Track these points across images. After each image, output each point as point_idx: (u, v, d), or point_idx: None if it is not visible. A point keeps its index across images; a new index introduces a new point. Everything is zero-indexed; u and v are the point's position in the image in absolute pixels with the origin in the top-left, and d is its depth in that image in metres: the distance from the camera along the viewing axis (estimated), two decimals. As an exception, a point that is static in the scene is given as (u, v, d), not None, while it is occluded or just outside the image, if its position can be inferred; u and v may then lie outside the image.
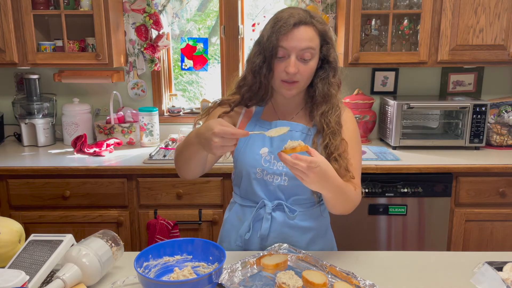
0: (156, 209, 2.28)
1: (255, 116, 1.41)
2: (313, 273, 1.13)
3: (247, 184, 1.38)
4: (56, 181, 2.24)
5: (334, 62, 1.32)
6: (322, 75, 1.33)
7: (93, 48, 2.55)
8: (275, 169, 1.34)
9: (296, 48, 1.24)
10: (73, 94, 2.80)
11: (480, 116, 2.46)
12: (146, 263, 1.12)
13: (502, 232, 2.31)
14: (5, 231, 1.19)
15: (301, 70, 1.26)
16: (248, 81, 1.35)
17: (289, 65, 1.24)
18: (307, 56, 1.25)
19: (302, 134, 1.35)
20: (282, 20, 1.23)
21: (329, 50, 1.31)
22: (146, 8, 2.63)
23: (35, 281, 1.07)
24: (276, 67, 1.28)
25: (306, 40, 1.24)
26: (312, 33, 1.25)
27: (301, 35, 1.23)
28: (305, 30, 1.24)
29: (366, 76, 2.82)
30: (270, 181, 1.35)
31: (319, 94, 1.33)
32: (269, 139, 1.36)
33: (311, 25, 1.25)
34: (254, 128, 1.39)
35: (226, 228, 1.47)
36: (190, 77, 3.18)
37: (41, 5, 2.44)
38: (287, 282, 1.07)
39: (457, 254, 1.36)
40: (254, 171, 1.35)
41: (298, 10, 1.26)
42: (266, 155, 1.35)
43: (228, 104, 1.41)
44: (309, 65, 1.27)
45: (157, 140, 2.68)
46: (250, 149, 1.37)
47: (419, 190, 2.25)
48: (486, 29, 2.38)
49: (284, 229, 1.36)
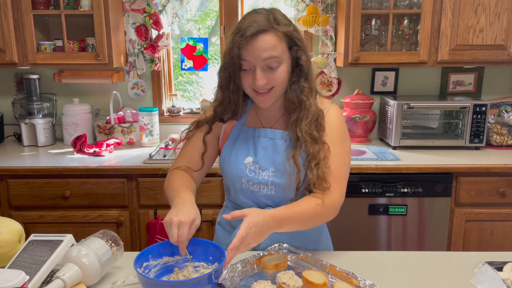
0: (156, 209, 2.28)
1: (238, 123, 1.37)
2: (313, 273, 1.13)
3: (235, 193, 1.36)
4: (56, 181, 2.24)
5: (305, 66, 1.24)
6: (293, 80, 1.25)
7: (93, 48, 2.55)
8: (261, 179, 1.30)
9: (259, 59, 1.17)
10: (73, 94, 2.80)
11: (480, 116, 2.46)
12: (146, 263, 1.12)
13: (502, 232, 2.31)
14: (5, 231, 1.19)
15: (270, 79, 1.20)
16: (218, 96, 1.31)
17: (256, 78, 1.18)
18: (273, 64, 1.19)
19: (285, 140, 1.30)
20: (240, 32, 1.16)
21: (298, 52, 1.22)
22: (146, 8, 2.63)
23: (35, 281, 1.07)
24: (243, 80, 1.22)
25: (267, 50, 1.16)
26: (273, 40, 1.17)
27: (260, 45, 1.16)
28: (264, 39, 1.16)
29: (366, 76, 2.82)
30: (257, 190, 1.31)
31: (290, 100, 1.26)
32: (253, 148, 1.32)
33: (271, 31, 1.17)
34: (238, 135, 1.35)
35: (219, 232, 1.46)
36: (190, 77, 3.18)
37: (41, 5, 2.44)
38: (287, 282, 1.07)
39: (457, 254, 1.36)
40: (240, 181, 1.32)
41: (258, 17, 1.17)
42: (250, 165, 1.31)
43: (206, 123, 1.36)
44: (278, 71, 1.20)
45: (157, 140, 2.68)
46: (234, 159, 1.33)
47: (419, 190, 2.25)
48: (486, 29, 2.38)
49: (274, 235, 1.25)
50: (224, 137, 1.38)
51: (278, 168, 1.29)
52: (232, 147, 1.35)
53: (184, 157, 1.39)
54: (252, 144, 1.33)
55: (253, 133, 1.34)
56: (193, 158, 1.37)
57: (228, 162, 1.34)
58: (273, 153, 1.30)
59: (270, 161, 1.30)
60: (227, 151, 1.35)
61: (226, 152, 1.35)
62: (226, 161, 1.35)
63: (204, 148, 1.36)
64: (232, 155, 1.34)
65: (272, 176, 1.29)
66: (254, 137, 1.34)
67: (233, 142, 1.36)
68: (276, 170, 1.29)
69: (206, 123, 1.36)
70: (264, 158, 1.30)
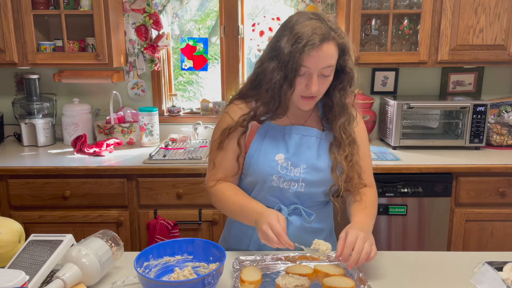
0: (156, 209, 2.28)
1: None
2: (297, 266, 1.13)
3: (261, 191, 1.34)
4: (56, 181, 2.24)
5: (351, 73, 1.28)
6: (339, 86, 1.30)
7: (93, 48, 2.55)
8: (292, 175, 1.31)
9: (318, 67, 1.20)
10: (73, 94, 2.80)
11: (480, 116, 2.46)
12: (146, 263, 1.12)
13: (502, 232, 2.30)
14: (5, 231, 1.18)
15: (321, 85, 1.24)
16: (265, 97, 1.28)
17: (311, 84, 1.21)
18: (327, 73, 1.22)
19: (316, 139, 1.34)
20: (305, 38, 1.16)
21: (347, 61, 1.26)
22: (146, 8, 2.63)
23: (35, 281, 1.07)
24: (297, 84, 1.23)
25: (328, 59, 1.20)
26: (333, 50, 1.21)
27: (324, 54, 1.18)
28: (328, 48, 1.19)
29: (366, 76, 2.82)
30: (287, 188, 1.32)
31: (337, 104, 1.31)
32: (283, 145, 1.33)
33: (332, 40, 1.20)
34: (266, 133, 1.34)
35: (234, 233, 1.43)
36: (190, 77, 3.18)
37: (41, 5, 2.44)
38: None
39: (457, 254, 1.36)
40: (271, 179, 1.31)
41: (318, 24, 1.19)
42: (282, 162, 1.31)
43: (240, 126, 1.33)
44: (328, 79, 1.25)
45: (157, 140, 2.68)
46: (264, 156, 1.32)
47: (419, 190, 2.25)
48: (486, 29, 2.38)
49: (300, 233, 1.34)
50: (250, 134, 1.35)
51: (310, 165, 1.31)
52: (261, 145, 1.33)
53: (222, 166, 1.37)
54: (282, 141, 1.33)
55: (283, 130, 1.34)
56: (229, 165, 1.36)
57: (256, 159, 1.33)
58: (306, 149, 1.32)
59: (303, 157, 1.32)
60: (254, 149, 1.33)
61: (253, 149, 1.33)
62: (254, 159, 1.33)
63: (239, 150, 1.34)
64: (261, 152, 1.33)
65: (304, 172, 1.31)
66: (285, 134, 1.34)
67: (261, 139, 1.34)
68: (307, 166, 1.31)
69: (241, 125, 1.32)
70: (297, 154, 1.32)
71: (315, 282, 1.13)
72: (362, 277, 1.11)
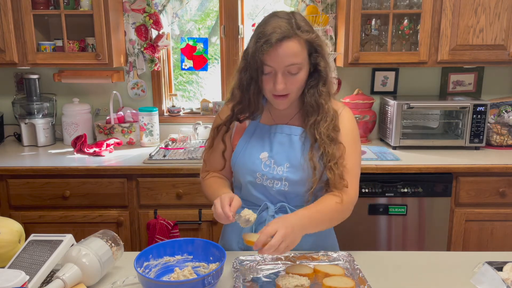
0: (156, 209, 2.28)
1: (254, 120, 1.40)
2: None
3: (248, 188, 1.38)
4: (56, 181, 2.24)
5: (323, 71, 1.27)
6: (311, 84, 1.29)
7: (93, 48, 2.55)
8: (275, 173, 1.32)
9: (281, 65, 1.20)
10: (73, 94, 2.80)
11: (480, 116, 2.46)
12: (146, 263, 1.12)
13: (502, 232, 2.30)
14: (5, 231, 1.19)
15: (289, 84, 1.23)
16: (237, 97, 1.33)
17: (276, 82, 1.22)
18: (294, 70, 1.22)
19: (301, 137, 1.34)
20: (265, 37, 1.18)
21: (317, 58, 1.26)
22: (146, 8, 2.63)
23: (35, 281, 1.07)
24: (264, 83, 1.25)
25: (290, 56, 1.19)
26: (296, 47, 1.20)
27: (284, 51, 1.18)
28: (288, 46, 1.18)
29: (366, 76, 2.82)
30: (271, 186, 1.34)
31: (308, 104, 1.30)
32: (268, 144, 1.35)
33: (295, 37, 1.19)
34: (253, 132, 1.38)
35: (228, 230, 1.46)
36: (190, 77, 3.18)
37: (41, 5, 2.44)
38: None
39: (457, 254, 1.36)
40: (254, 176, 1.34)
41: (281, 22, 1.19)
42: (266, 160, 1.33)
43: (224, 125, 1.39)
44: (297, 77, 1.24)
45: (157, 140, 2.68)
46: (249, 154, 1.36)
47: (419, 190, 2.25)
48: (486, 29, 2.38)
49: None
50: (236, 133, 1.41)
51: (293, 164, 1.32)
52: (247, 143, 1.37)
53: (209, 162, 1.46)
54: (267, 140, 1.36)
55: (269, 130, 1.37)
56: (215, 160, 1.43)
57: (242, 156, 1.36)
58: (289, 148, 1.33)
59: (286, 156, 1.32)
60: (241, 146, 1.38)
61: (240, 147, 1.38)
62: (240, 156, 1.37)
63: (224, 147, 1.40)
64: (247, 150, 1.36)
65: (287, 171, 1.32)
66: (270, 133, 1.36)
67: (249, 137, 1.38)
68: (291, 166, 1.32)
69: (224, 124, 1.38)
70: (280, 153, 1.33)
71: (315, 282, 1.13)
72: (362, 277, 1.11)
